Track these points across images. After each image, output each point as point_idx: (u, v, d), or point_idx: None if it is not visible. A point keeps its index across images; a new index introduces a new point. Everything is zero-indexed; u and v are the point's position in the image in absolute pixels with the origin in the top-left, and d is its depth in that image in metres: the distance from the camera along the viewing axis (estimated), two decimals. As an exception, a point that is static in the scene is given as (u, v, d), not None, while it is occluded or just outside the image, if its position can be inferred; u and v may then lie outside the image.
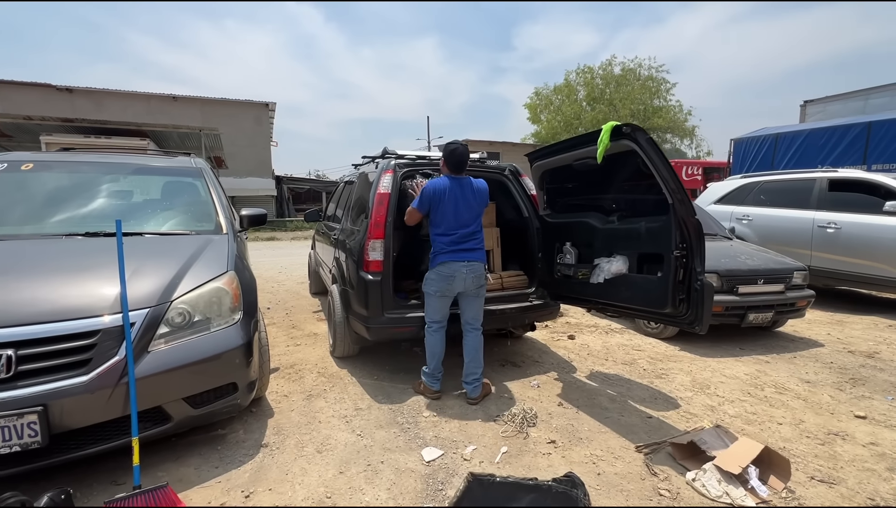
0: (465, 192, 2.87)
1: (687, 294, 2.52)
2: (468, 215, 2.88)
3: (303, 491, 2.03)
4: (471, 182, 2.91)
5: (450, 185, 2.84)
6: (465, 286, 2.85)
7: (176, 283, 2.18)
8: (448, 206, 2.83)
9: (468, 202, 2.87)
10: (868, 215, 5.20)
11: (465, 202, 2.86)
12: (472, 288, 2.87)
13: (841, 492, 2.08)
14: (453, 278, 2.82)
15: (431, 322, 2.95)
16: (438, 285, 2.85)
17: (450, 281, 2.83)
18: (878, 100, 10.64)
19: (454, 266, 2.83)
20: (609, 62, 26.52)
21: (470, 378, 2.94)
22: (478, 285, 2.89)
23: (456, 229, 2.85)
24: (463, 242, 2.86)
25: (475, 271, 2.86)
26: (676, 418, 2.78)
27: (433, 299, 2.90)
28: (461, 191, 2.86)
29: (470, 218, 2.89)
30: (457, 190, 2.84)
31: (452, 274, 2.82)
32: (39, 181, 2.99)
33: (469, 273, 2.83)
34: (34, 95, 17.87)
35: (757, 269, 4.19)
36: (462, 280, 2.82)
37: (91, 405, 1.83)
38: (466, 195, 2.87)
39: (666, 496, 2.03)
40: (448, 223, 2.85)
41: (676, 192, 2.46)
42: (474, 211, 2.91)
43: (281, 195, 24.75)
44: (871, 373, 3.56)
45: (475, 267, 2.86)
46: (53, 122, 11.75)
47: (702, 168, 17.85)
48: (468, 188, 2.89)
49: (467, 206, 2.86)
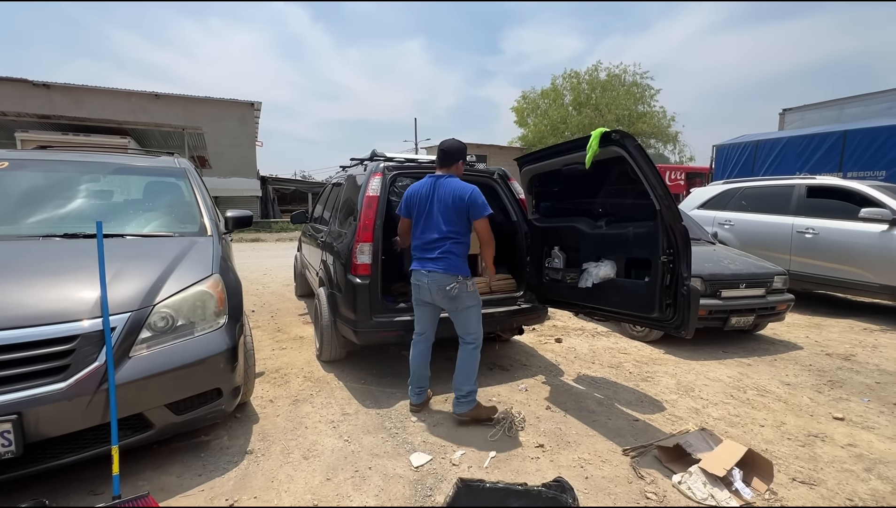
0: (441, 194, 2.63)
1: (674, 299, 2.55)
2: (436, 220, 2.63)
3: (289, 499, 1.99)
4: (451, 186, 2.62)
5: (426, 186, 2.68)
6: (432, 298, 2.66)
7: (159, 286, 2.13)
8: (419, 209, 2.69)
9: (442, 206, 2.62)
10: (844, 222, 5.35)
11: (439, 205, 2.62)
12: (440, 300, 2.65)
13: (821, 493, 2.12)
14: (419, 288, 2.70)
15: (414, 333, 2.87)
16: (413, 294, 2.77)
17: (417, 290, 2.72)
18: (852, 109, 10.98)
19: (417, 275, 2.70)
20: (595, 67, 26.85)
21: (455, 393, 2.73)
22: (447, 297, 2.61)
23: (422, 234, 2.69)
24: (427, 249, 2.66)
25: (437, 282, 2.60)
26: (662, 420, 2.81)
27: (414, 308, 2.83)
28: (436, 194, 2.64)
29: (436, 224, 2.63)
30: (430, 193, 2.65)
31: (417, 284, 2.71)
32: (15, 180, 2.89)
33: (431, 283, 2.62)
34: (9, 90, 17.31)
35: (739, 273, 4.28)
36: (427, 291, 2.65)
37: (69, 412, 1.78)
38: (442, 198, 2.62)
39: (653, 499, 2.05)
40: (418, 228, 2.72)
41: (664, 198, 2.50)
42: (446, 217, 2.62)
43: (266, 196, 24.42)
44: (848, 375, 3.66)
45: (436, 278, 2.60)
46: (29, 118, 11.41)
47: (684, 173, 18.20)
48: (445, 191, 2.62)
49: (440, 210, 2.62)
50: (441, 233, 2.63)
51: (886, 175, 7.43)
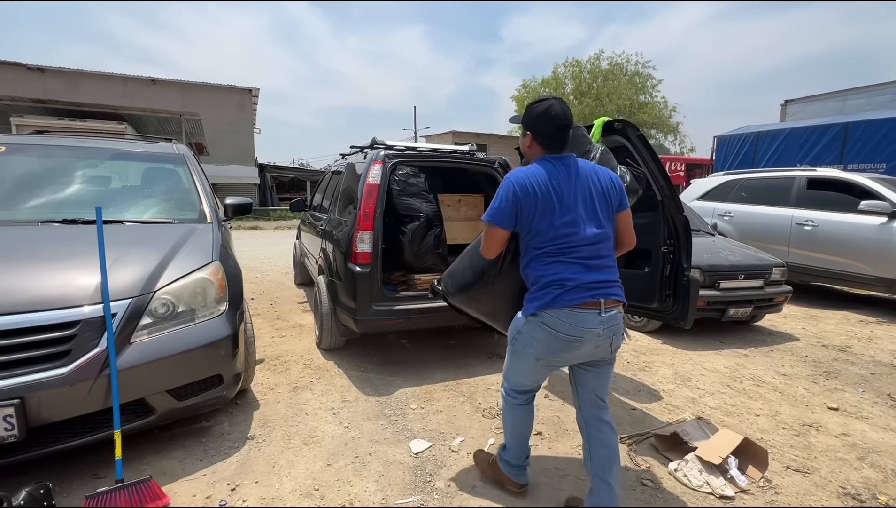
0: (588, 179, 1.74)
1: (673, 290, 2.56)
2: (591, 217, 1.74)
3: (290, 484, 2.01)
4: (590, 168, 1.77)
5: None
6: (594, 352, 1.74)
7: (159, 273, 2.12)
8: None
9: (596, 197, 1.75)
10: (844, 214, 5.36)
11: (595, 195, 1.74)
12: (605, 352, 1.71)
13: (815, 481, 2.16)
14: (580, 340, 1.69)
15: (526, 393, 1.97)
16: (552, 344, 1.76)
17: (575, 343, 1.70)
18: (855, 101, 10.94)
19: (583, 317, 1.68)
20: (597, 56, 26.62)
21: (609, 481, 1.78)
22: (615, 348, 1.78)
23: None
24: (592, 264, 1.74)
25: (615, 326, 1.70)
26: (659, 410, 2.84)
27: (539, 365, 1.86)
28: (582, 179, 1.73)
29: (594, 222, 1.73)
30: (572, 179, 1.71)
31: (579, 334, 1.69)
32: (12, 165, 2.87)
33: (606, 332, 1.69)
34: (3, 74, 17.07)
35: (738, 264, 4.29)
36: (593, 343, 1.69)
37: (71, 397, 1.78)
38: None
39: (649, 485, 2.08)
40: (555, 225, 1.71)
41: (666, 188, 2.50)
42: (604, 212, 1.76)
43: (264, 184, 24.28)
44: (844, 366, 3.69)
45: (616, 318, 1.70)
46: (24, 102, 11.28)
47: (684, 164, 18.15)
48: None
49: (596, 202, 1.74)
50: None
51: (887, 168, 7.43)
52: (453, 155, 3.68)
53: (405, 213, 3.56)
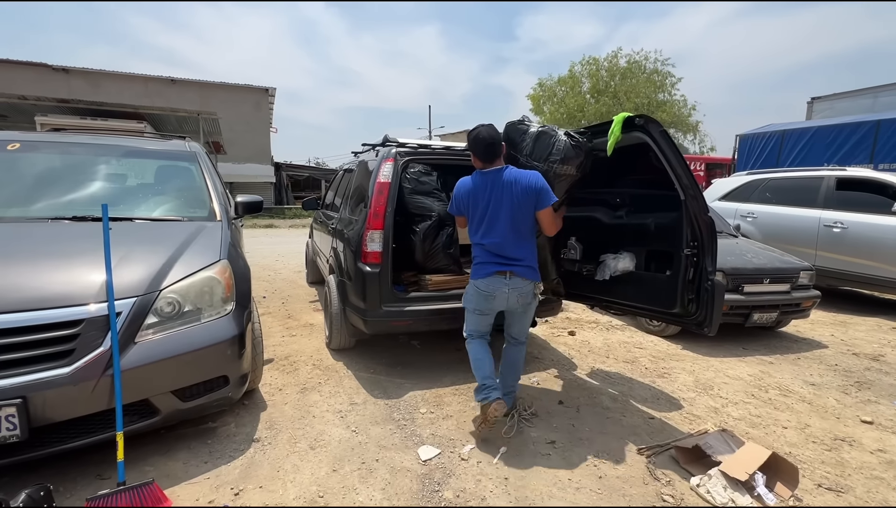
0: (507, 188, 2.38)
1: (696, 294, 2.43)
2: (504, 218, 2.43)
3: (294, 490, 1.96)
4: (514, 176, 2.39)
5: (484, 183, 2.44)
6: (507, 304, 2.51)
7: (165, 271, 2.09)
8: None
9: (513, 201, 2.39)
10: (875, 216, 5.12)
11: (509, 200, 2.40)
12: (515, 305, 2.51)
13: (849, 501, 2.02)
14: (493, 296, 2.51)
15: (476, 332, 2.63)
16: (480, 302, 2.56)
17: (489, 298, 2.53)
18: (887, 98, 10.50)
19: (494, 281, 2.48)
20: (615, 54, 26.07)
21: (504, 389, 2.55)
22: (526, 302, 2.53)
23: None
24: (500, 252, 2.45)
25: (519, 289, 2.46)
26: (679, 419, 2.72)
27: (476, 314, 2.61)
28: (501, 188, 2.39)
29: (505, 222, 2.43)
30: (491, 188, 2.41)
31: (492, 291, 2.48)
32: (26, 162, 2.88)
33: (512, 291, 2.44)
34: (29, 74, 17.59)
35: (763, 268, 4.11)
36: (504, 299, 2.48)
37: (73, 397, 1.75)
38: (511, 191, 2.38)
39: (669, 501, 1.96)
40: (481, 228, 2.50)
41: (690, 188, 2.36)
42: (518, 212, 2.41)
43: (280, 182, 24.55)
44: (877, 376, 3.50)
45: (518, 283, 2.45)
46: (49, 102, 11.52)
47: (704, 164, 17.69)
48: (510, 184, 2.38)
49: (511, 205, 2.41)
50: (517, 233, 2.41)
51: (921, 168, 7.09)
52: (466, 153, 3.58)
53: (417, 212, 3.48)
